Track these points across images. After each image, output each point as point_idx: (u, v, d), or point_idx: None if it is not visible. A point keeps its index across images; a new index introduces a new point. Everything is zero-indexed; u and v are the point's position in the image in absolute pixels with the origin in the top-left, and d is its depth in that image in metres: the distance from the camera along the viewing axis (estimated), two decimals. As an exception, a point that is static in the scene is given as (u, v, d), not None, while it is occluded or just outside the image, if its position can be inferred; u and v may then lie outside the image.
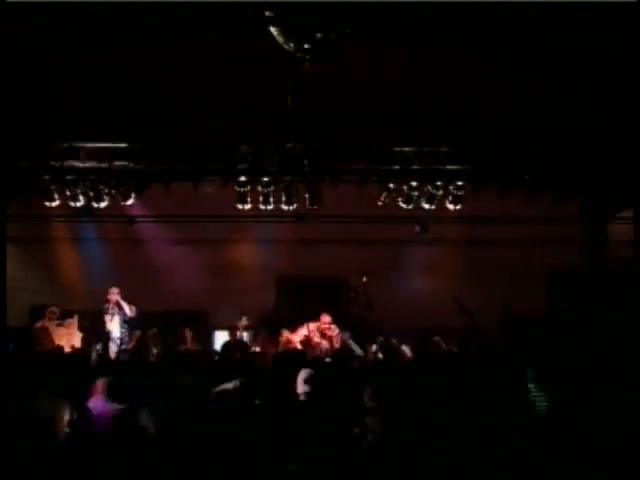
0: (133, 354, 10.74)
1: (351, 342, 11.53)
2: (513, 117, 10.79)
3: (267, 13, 7.11)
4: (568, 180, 12.55)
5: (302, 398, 6.63)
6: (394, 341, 11.02)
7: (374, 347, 11.19)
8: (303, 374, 6.86)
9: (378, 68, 9.55)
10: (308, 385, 6.71)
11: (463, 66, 9.50)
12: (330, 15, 7.17)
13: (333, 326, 12.47)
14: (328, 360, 9.78)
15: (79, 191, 12.29)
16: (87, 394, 6.90)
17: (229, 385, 6.54)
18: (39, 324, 11.91)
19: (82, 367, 8.51)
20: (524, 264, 13.87)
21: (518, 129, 11.19)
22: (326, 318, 12.51)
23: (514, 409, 5.66)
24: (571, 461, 5.02)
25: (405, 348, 10.47)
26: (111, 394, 6.85)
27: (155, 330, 12.07)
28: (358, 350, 11.11)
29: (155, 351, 11.24)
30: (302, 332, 12.39)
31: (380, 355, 10.73)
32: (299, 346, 12.07)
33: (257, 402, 6.23)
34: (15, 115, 10.50)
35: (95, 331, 12.30)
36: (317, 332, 12.34)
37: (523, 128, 11.14)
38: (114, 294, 12.50)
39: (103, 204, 12.47)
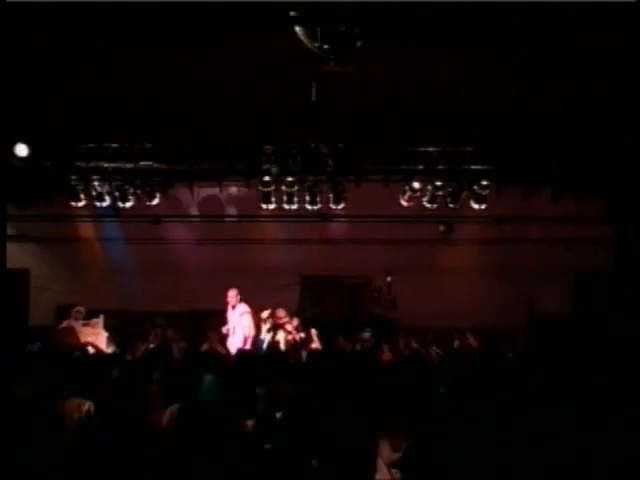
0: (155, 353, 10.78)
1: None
2: (538, 116, 10.74)
3: (292, 13, 7.13)
4: (593, 179, 12.45)
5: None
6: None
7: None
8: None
9: (402, 68, 9.53)
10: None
11: (487, 66, 9.47)
12: (354, 15, 7.18)
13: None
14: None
15: (105, 191, 12.37)
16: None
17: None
18: (65, 324, 11.98)
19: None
20: (549, 264, 13.82)
21: (543, 129, 11.13)
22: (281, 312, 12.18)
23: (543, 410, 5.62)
24: (599, 464, 4.98)
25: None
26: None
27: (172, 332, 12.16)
28: None
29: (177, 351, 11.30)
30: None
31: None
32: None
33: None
34: (42, 116, 10.62)
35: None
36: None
37: (548, 128, 11.07)
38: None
39: (128, 204, 12.53)
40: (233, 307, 12.22)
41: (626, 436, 5.24)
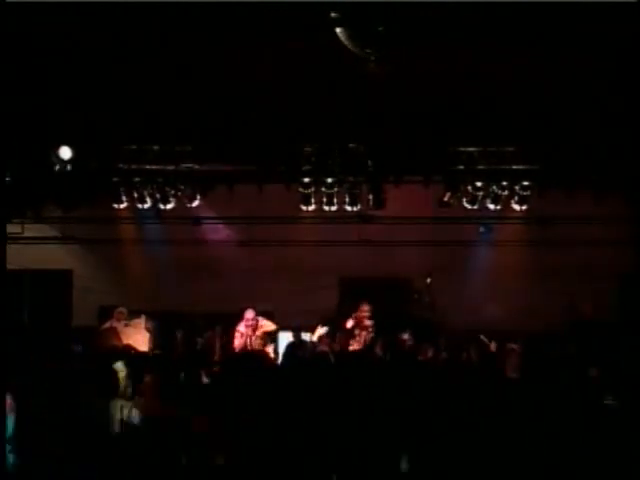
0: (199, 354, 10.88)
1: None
2: (579, 116, 10.63)
3: (333, 14, 7.13)
4: (636, 179, 12.28)
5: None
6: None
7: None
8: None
9: (442, 68, 9.48)
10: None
11: (528, 65, 9.39)
12: (395, 16, 7.16)
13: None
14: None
15: (146, 193, 12.49)
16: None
17: None
18: (107, 324, 12.10)
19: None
20: (591, 265, 13.67)
21: (585, 128, 11.01)
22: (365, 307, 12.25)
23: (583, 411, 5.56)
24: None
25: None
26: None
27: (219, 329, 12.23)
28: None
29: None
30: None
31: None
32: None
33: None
34: (85, 119, 10.74)
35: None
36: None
37: (590, 127, 10.95)
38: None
39: (169, 206, 12.63)
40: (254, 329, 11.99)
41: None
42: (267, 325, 12.03)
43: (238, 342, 11.79)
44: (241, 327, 11.91)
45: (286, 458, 5.31)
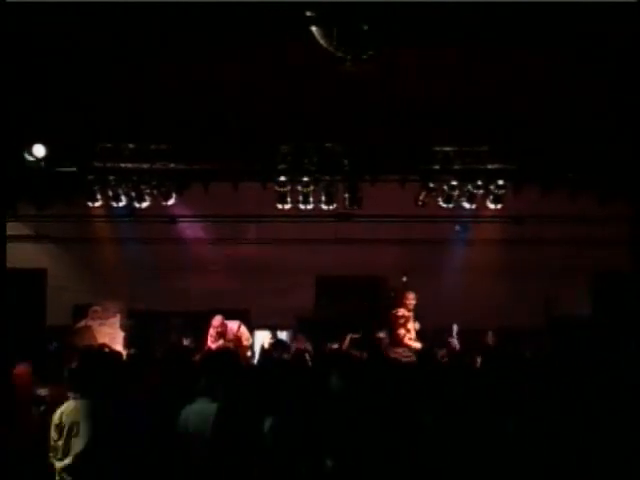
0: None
1: None
2: (555, 115, 10.69)
3: (308, 13, 7.13)
4: (612, 178, 12.37)
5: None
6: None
7: None
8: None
9: (419, 68, 9.52)
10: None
11: (504, 66, 9.45)
12: (372, 15, 7.17)
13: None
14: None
15: (121, 191, 12.41)
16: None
17: None
18: (82, 323, 12.04)
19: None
20: (567, 264, 13.77)
21: (560, 127, 11.07)
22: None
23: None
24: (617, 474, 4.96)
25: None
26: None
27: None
28: None
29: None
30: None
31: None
32: None
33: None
34: (60, 116, 10.67)
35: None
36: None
37: (566, 126, 11.02)
38: None
39: (145, 204, 12.56)
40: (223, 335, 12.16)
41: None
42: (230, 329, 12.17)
43: (211, 345, 11.87)
44: (211, 331, 12.09)
45: (264, 457, 5.30)
